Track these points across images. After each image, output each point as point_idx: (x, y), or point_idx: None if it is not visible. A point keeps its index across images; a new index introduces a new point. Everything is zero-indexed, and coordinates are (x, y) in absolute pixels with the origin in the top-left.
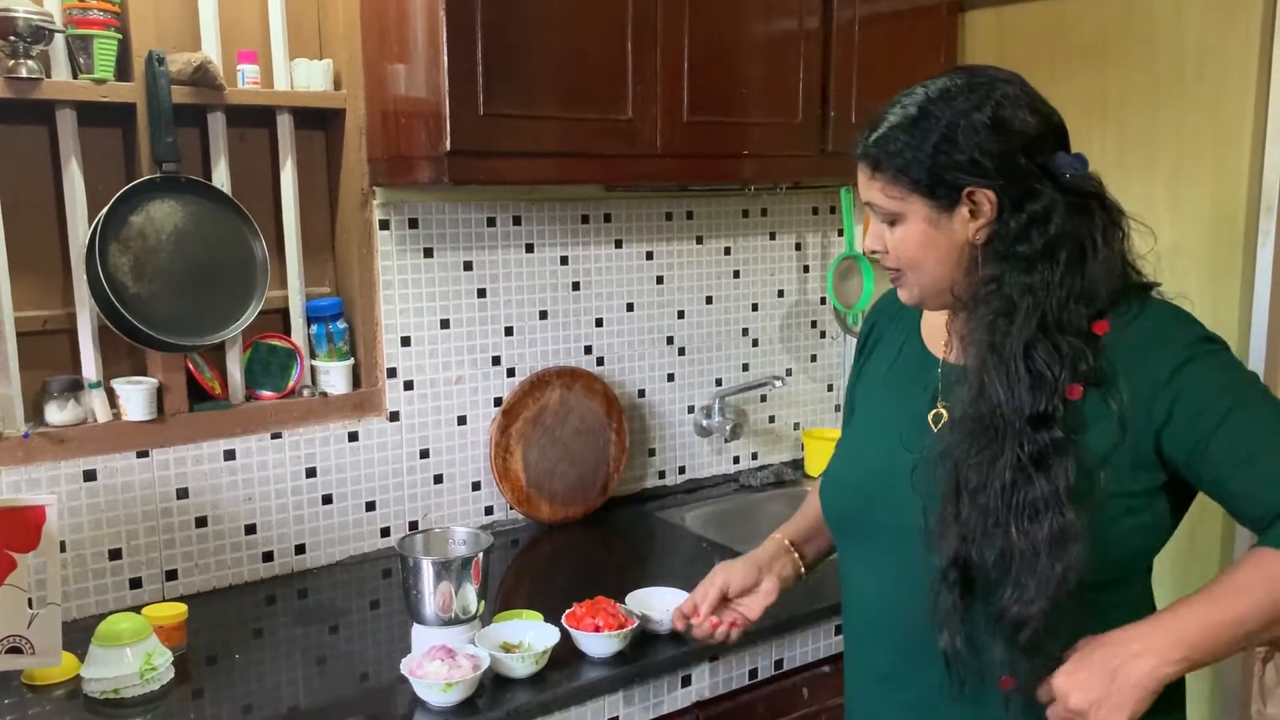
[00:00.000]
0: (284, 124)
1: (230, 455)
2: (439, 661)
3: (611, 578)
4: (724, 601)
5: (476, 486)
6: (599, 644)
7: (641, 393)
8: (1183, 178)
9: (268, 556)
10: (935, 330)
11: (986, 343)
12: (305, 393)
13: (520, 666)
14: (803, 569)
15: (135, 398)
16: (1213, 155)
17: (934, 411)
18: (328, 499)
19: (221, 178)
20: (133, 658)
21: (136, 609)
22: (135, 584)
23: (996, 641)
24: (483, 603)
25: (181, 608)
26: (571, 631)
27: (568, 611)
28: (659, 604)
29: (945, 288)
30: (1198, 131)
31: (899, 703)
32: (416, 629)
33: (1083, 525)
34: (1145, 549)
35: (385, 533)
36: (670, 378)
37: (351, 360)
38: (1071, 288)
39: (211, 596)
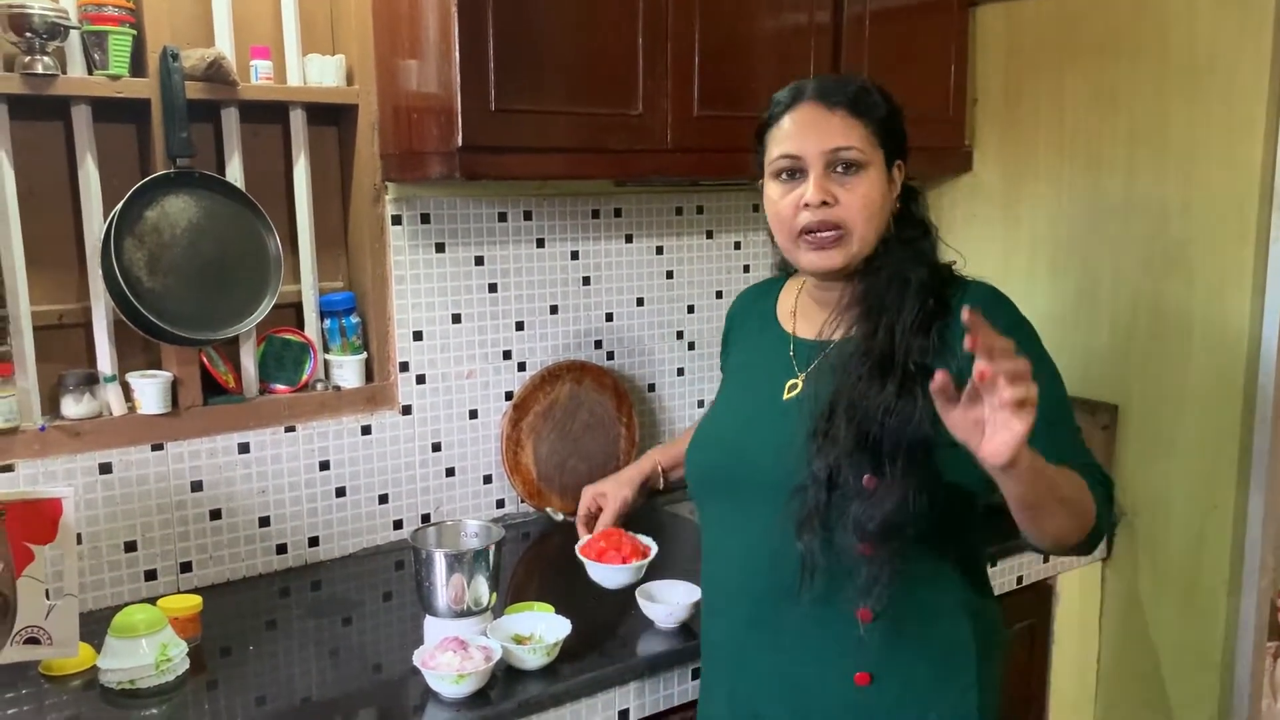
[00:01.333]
0: (297, 119)
1: (244, 448)
2: (451, 653)
3: None
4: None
5: (488, 480)
6: (622, 575)
7: (651, 387)
8: (1194, 171)
9: (281, 549)
10: (786, 313)
11: (894, 302)
12: (319, 386)
13: (532, 658)
14: (660, 485)
15: (150, 391)
16: (1224, 148)
17: (790, 381)
18: (341, 492)
19: (235, 173)
20: (148, 649)
21: (152, 601)
22: (150, 576)
23: (852, 548)
24: (494, 595)
25: (196, 599)
26: (592, 565)
27: (581, 545)
28: (669, 597)
29: (871, 250)
30: (1209, 124)
31: (767, 644)
32: (429, 621)
33: (934, 440)
34: (971, 493)
35: (398, 525)
36: (680, 372)
37: (364, 354)
38: (938, 262)
39: (226, 589)
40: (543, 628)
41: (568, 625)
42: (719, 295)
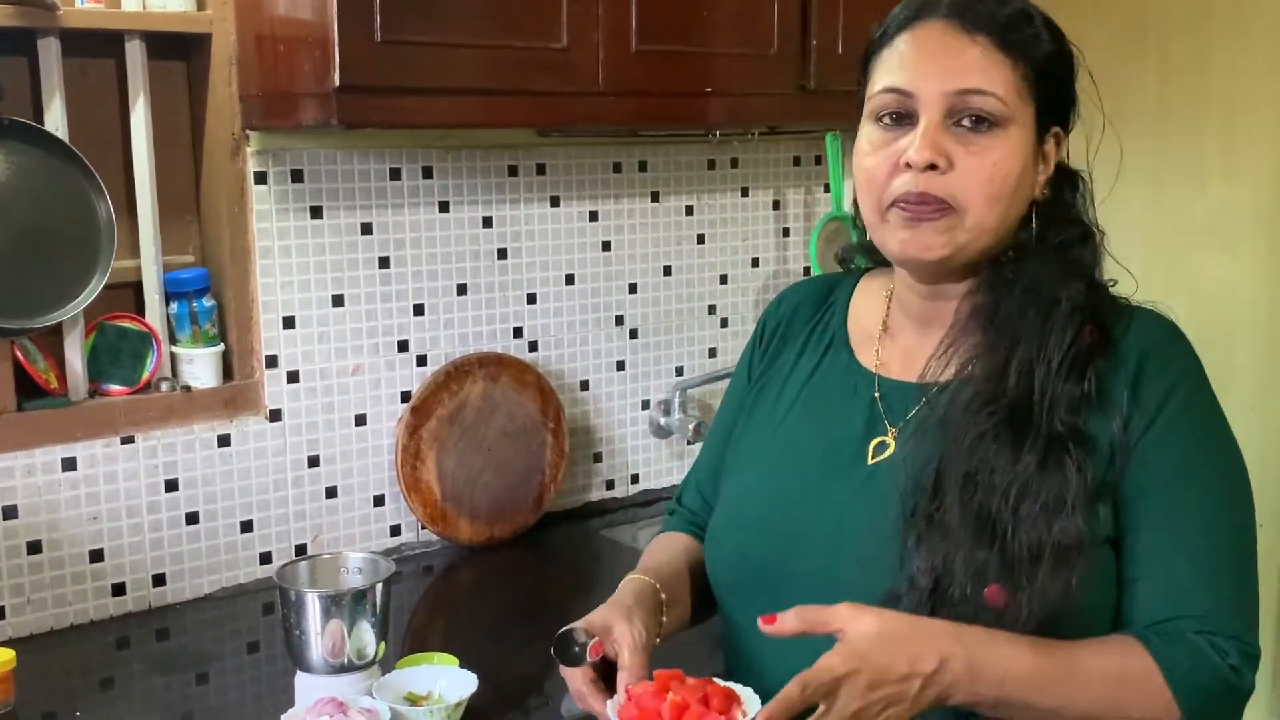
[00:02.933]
0: (134, 52)
1: (70, 465)
2: (326, 718)
3: (545, 611)
4: None
5: (380, 501)
6: None
7: (585, 385)
8: (1237, 125)
9: (118, 589)
10: (866, 337)
11: (1034, 330)
12: (164, 386)
13: None
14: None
15: None
16: (1274, 98)
17: (877, 440)
18: (193, 518)
19: (56, 120)
20: None
21: None
22: None
23: None
24: (383, 644)
25: (7, 654)
26: None
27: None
28: None
29: (997, 246)
30: (1256, 67)
31: None
32: (300, 678)
33: (1086, 538)
34: (1108, 608)
35: (265, 559)
36: (620, 366)
37: (221, 346)
38: (1097, 280)
39: (48, 639)
40: (443, 684)
41: (474, 681)
42: (667, 272)
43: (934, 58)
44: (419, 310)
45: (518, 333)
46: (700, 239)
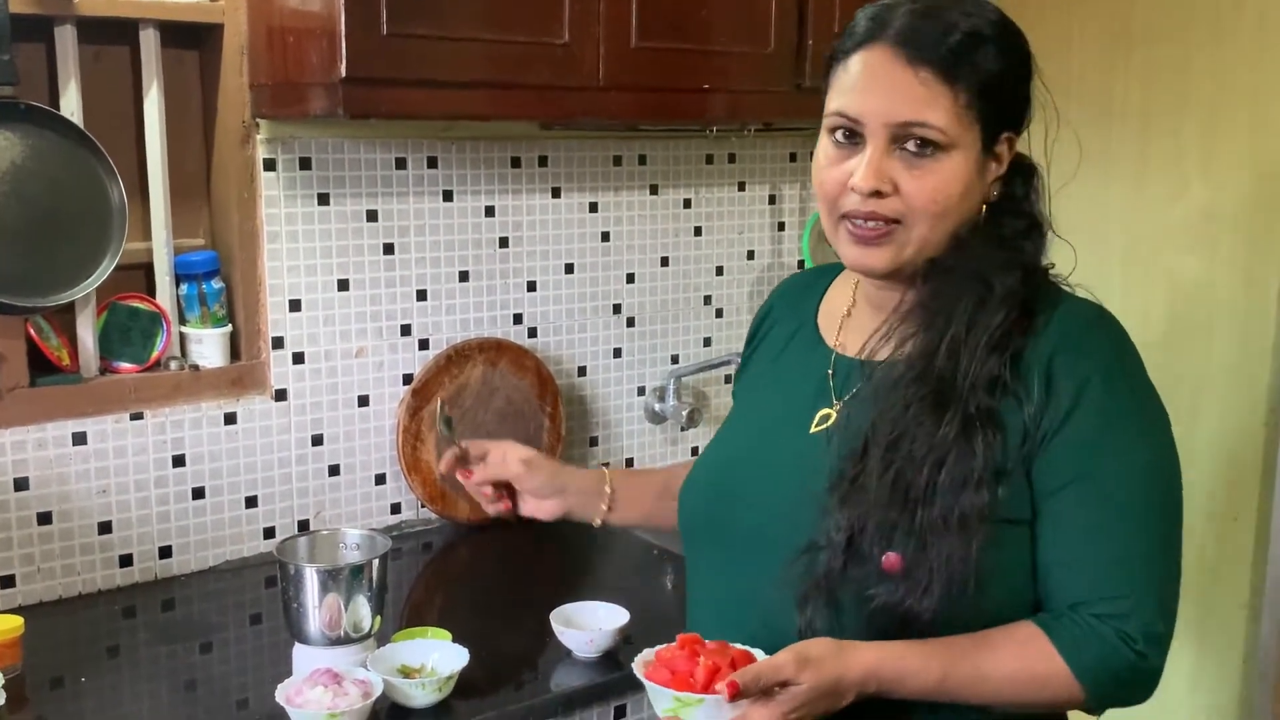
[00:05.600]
0: (148, 40)
1: (80, 439)
2: (322, 688)
3: (540, 590)
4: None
5: (381, 480)
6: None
7: (582, 371)
8: (1218, 128)
9: (125, 561)
10: (833, 316)
11: (967, 313)
12: (173, 365)
13: (420, 694)
14: (597, 521)
15: None
16: (1254, 102)
17: (822, 411)
18: (199, 493)
19: (71, 105)
20: None
21: None
22: None
23: (861, 633)
24: (379, 619)
25: (17, 621)
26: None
27: (647, 661)
28: (590, 622)
29: (943, 248)
30: (1236, 74)
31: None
32: (298, 650)
33: (989, 511)
34: (1022, 593)
35: (269, 534)
36: (617, 353)
37: (229, 327)
38: (1037, 265)
39: (56, 608)
40: (435, 658)
41: (465, 655)
42: (664, 263)
43: (879, 87)
44: (422, 296)
45: (518, 319)
46: (697, 231)
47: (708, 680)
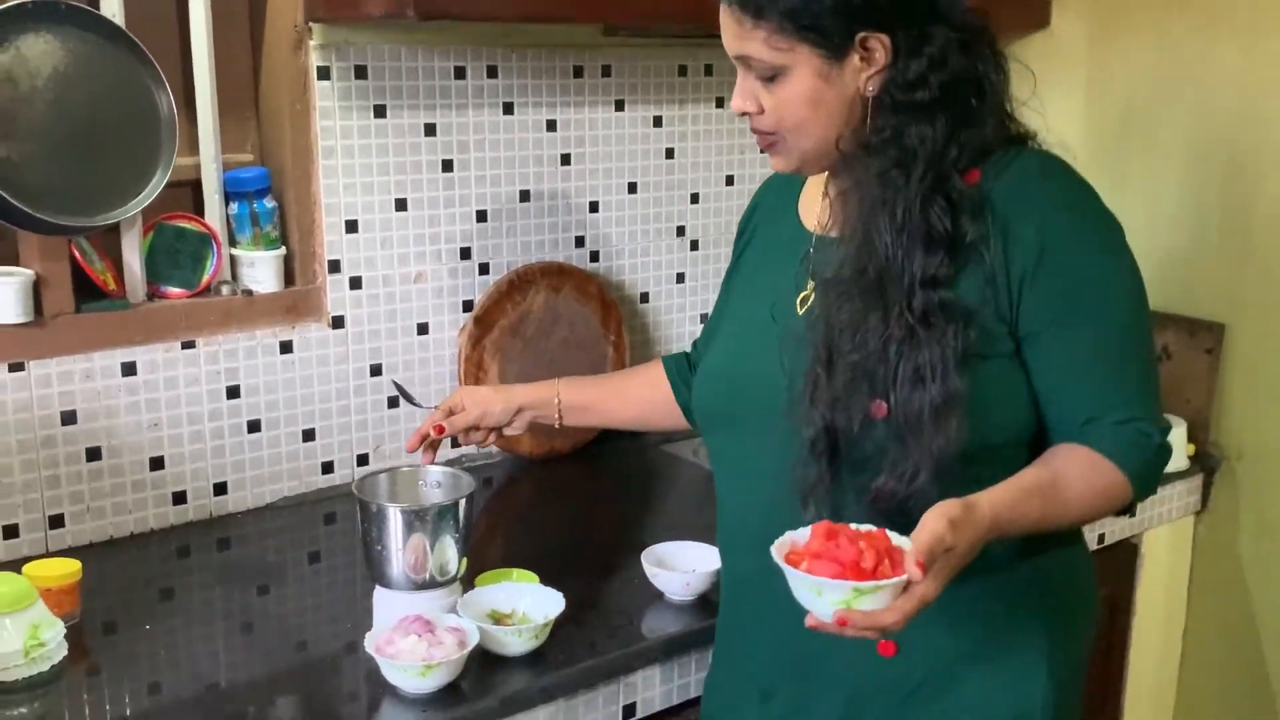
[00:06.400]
0: None
1: (129, 369)
2: (415, 637)
3: (610, 528)
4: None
5: None
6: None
7: (645, 297)
8: (1258, 24)
9: (179, 498)
10: (812, 202)
11: (878, 198)
12: (224, 290)
13: (516, 642)
14: (557, 425)
15: (3, 294)
16: None
17: (802, 294)
18: (254, 426)
19: (113, 7)
20: (14, 631)
21: (14, 565)
22: (10, 533)
23: (867, 520)
24: (464, 561)
25: (74, 565)
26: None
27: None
28: (683, 563)
29: (829, 148)
30: None
31: (769, 605)
32: (380, 594)
33: (965, 392)
34: (1016, 421)
35: (327, 468)
36: (680, 278)
37: (282, 249)
38: (967, 136)
39: (107, 549)
40: (527, 603)
41: (560, 600)
42: (729, 181)
43: (724, 31)
44: (482, 217)
45: (580, 242)
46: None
47: (875, 565)
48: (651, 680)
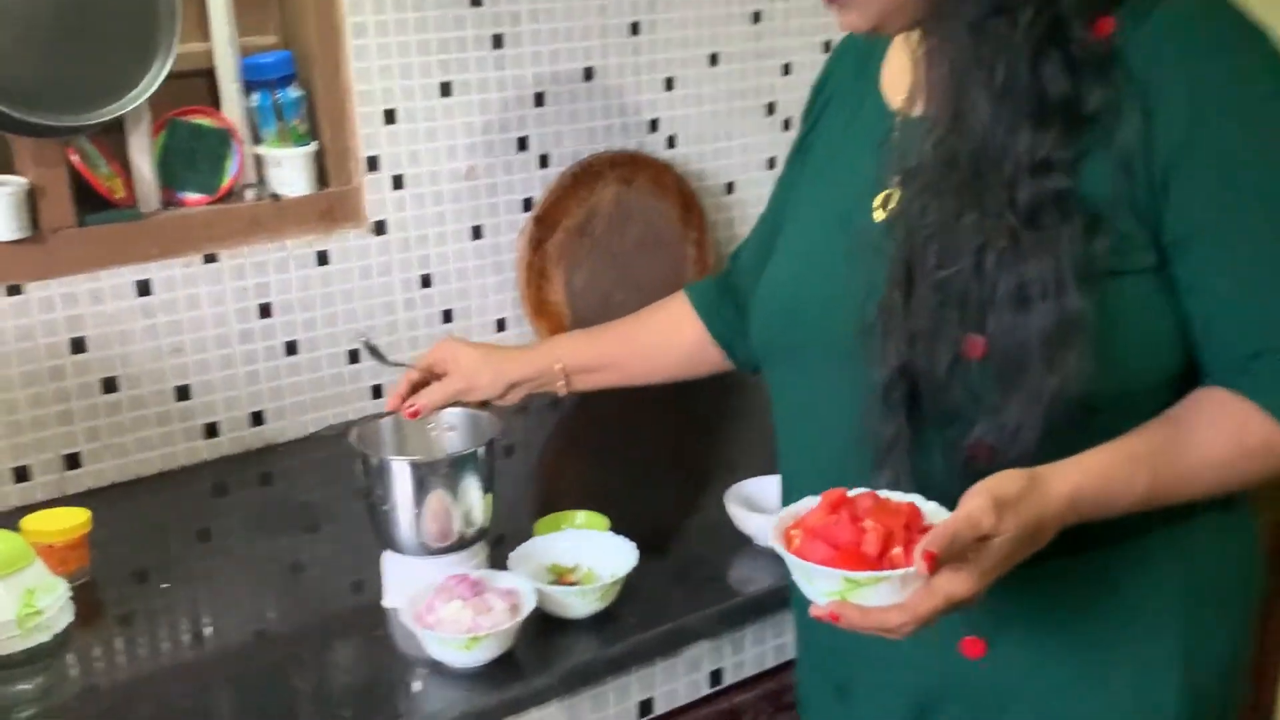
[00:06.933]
0: None
1: (144, 289)
2: (460, 603)
3: (691, 461)
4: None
5: (501, 326)
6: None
7: (730, 187)
8: None
9: (211, 430)
10: (899, 71)
11: (972, 55)
12: (249, 195)
13: (580, 604)
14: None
15: None
16: None
17: (884, 193)
18: (291, 348)
19: None
20: (7, 599)
21: (25, 511)
22: (21, 476)
23: (959, 488)
24: (491, 512)
25: (81, 515)
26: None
27: (787, 528)
28: (768, 502)
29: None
30: None
31: None
32: (388, 558)
33: (1090, 317)
34: (1157, 358)
35: (376, 392)
36: (771, 164)
37: (313, 145)
38: None
39: (133, 489)
40: (591, 555)
41: (633, 553)
42: (826, 48)
43: None
44: (539, 100)
45: (653, 126)
46: None
47: (882, 550)
48: (741, 643)
